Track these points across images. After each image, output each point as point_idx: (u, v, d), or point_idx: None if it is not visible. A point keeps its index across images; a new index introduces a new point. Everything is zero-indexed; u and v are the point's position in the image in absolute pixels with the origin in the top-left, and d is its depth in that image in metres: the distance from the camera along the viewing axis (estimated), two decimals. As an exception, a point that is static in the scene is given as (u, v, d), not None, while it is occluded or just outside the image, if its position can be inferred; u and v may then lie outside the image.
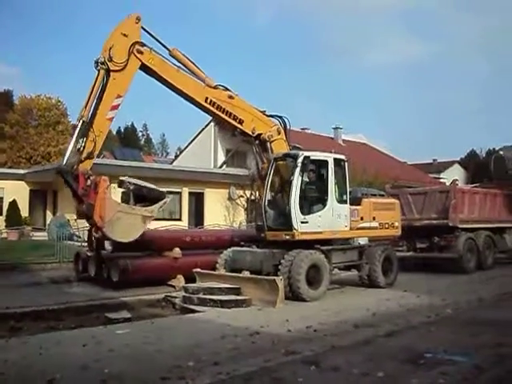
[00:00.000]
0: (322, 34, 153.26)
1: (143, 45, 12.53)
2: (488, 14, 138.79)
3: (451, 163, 71.51)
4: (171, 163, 38.19)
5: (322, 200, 13.27)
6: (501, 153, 72.50)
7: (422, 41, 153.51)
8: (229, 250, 13.94)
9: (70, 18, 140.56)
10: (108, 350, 7.46)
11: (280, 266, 12.29)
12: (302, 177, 12.84)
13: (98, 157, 13.48)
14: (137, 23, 12.42)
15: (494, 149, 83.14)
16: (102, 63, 11.89)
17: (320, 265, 12.62)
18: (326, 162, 13.43)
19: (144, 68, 12.58)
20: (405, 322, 9.58)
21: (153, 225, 18.29)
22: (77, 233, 22.05)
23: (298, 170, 12.74)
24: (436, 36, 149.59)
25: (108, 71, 11.95)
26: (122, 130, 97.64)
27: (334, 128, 45.03)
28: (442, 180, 48.55)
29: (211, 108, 13.43)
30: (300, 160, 12.82)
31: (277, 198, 13.76)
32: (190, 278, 13.55)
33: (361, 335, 8.50)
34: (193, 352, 7.36)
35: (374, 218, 14.66)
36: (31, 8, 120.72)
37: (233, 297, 11.51)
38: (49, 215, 29.30)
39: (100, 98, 11.88)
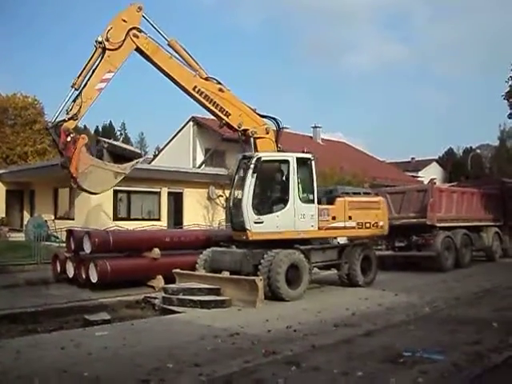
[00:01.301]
0: (305, 36, 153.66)
1: (140, 31, 13.12)
2: (460, 19, 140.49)
3: (429, 162, 72.09)
4: (150, 163, 37.97)
5: (282, 200, 13.28)
6: (478, 151, 73.46)
7: (400, 42, 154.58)
8: (208, 250, 13.92)
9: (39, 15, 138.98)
10: (87, 352, 7.39)
11: (259, 266, 12.31)
12: (256, 178, 12.83)
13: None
14: (138, 12, 13.12)
15: (471, 147, 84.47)
16: (100, 42, 12.60)
17: (299, 264, 12.66)
18: (286, 162, 13.39)
19: (139, 51, 13.24)
20: (384, 320, 9.65)
21: (131, 225, 18.28)
22: (55, 233, 21.85)
23: (250, 171, 12.79)
24: (412, 38, 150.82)
25: (104, 50, 12.61)
26: (100, 129, 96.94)
27: (313, 127, 45.15)
28: (419, 178, 48.92)
29: (199, 97, 13.71)
30: (252, 161, 12.86)
31: (238, 198, 13.77)
32: (169, 279, 13.51)
33: (340, 335, 8.55)
34: (173, 353, 7.34)
35: (350, 218, 14.28)
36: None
37: (212, 297, 11.51)
38: (26, 216, 28.97)
39: (93, 71, 12.65)
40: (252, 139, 14.18)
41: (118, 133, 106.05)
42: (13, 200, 30.03)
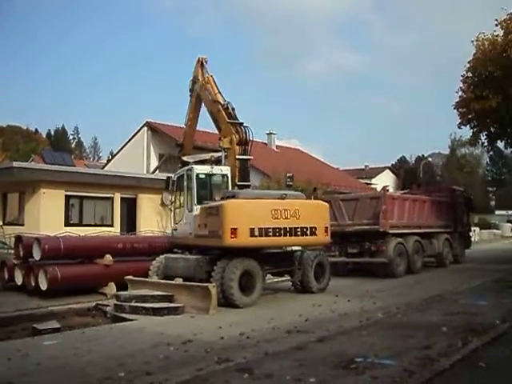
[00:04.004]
0: (266, 42, 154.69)
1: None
2: (412, 30, 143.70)
3: (382, 169, 73.20)
4: (103, 168, 37.45)
5: (185, 209, 14.47)
6: (429, 159, 74.97)
7: (354, 51, 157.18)
8: (161, 256, 13.83)
9: None
10: (35, 363, 7.23)
11: (213, 273, 12.28)
12: (175, 190, 15.12)
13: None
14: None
15: (423, 155, 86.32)
16: None
17: (253, 271, 12.67)
18: (188, 175, 14.41)
19: None
20: (336, 326, 9.71)
21: (83, 231, 17.95)
22: (3, 239, 21.26)
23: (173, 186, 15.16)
24: (367, 47, 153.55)
25: None
26: (52, 133, 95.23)
27: (267, 133, 45.24)
28: (373, 186, 49.61)
29: None
30: (172, 177, 15.29)
31: None
32: (121, 286, 13.33)
33: (293, 341, 8.55)
34: (124, 362, 7.24)
35: (205, 226, 13.02)
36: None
37: (165, 304, 11.42)
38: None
39: None
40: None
41: (71, 137, 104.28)
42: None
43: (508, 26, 21.44)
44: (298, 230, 13.11)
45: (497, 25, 22.06)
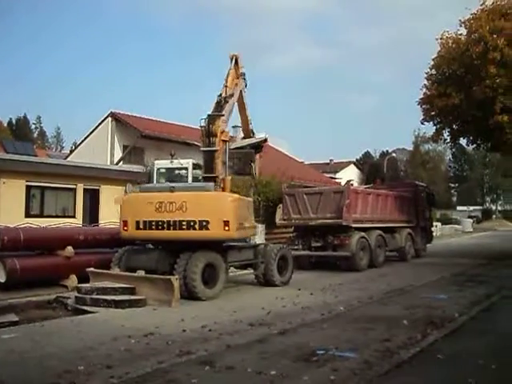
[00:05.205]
0: (225, 35, 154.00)
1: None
2: (383, 26, 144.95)
3: (347, 164, 74.04)
4: (66, 158, 36.82)
5: None
6: (394, 155, 75.78)
7: (321, 47, 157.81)
8: (124, 248, 13.67)
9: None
10: (-8, 356, 7.08)
11: (175, 265, 12.21)
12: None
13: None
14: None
15: (387, 151, 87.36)
16: None
17: (216, 264, 12.64)
18: (152, 169, 15.22)
19: None
20: (299, 319, 9.77)
21: (45, 222, 17.65)
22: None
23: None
24: (334, 43, 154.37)
25: None
26: (14, 122, 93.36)
27: (233, 126, 45.08)
28: (337, 180, 49.97)
29: None
30: None
31: None
32: (83, 278, 13.12)
33: (255, 334, 8.59)
34: (84, 355, 7.16)
35: None
36: None
37: (127, 297, 11.32)
38: None
39: None
40: None
41: (33, 126, 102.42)
42: None
43: (471, 26, 21.76)
44: (184, 223, 12.44)
45: (461, 25, 22.42)
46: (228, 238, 12.86)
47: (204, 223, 12.27)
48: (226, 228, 12.28)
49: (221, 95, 14.65)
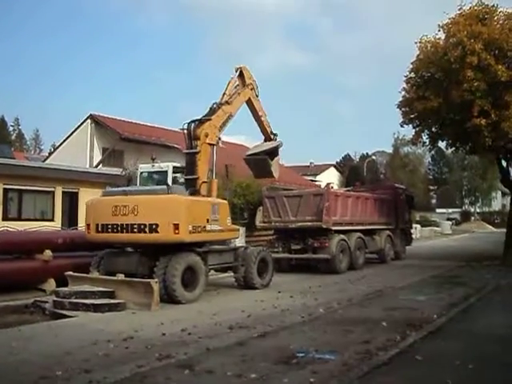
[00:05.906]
0: (212, 39, 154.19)
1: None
2: (362, 33, 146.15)
3: (327, 166, 74.29)
4: (45, 160, 36.51)
5: None
6: (373, 157, 76.24)
7: (303, 51, 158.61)
8: (103, 251, 13.58)
9: None
10: (-33, 362, 6.98)
11: (155, 269, 12.16)
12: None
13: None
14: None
15: (367, 153, 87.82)
16: None
17: (196, 267, 12.61)
18: (135, 172, 15.63)
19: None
20: (279, 322, 9.77)
21: (23, 225, 17.46)
22: None
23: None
24: (315, 48, 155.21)
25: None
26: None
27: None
28: (317, 182, 50.07)
29: None
30: None
31: None
32: (62, 282, 13.01)
33: (235, 337, 8.58)
34: (62, 360, 7.10)
35: None
36: None
37: (106, 300, 11.24)
38: None
39: None
40: None
41: (11, 128, 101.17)
42: None
43: (449, 30, 21.94)
44: (135, 226, 12.43)
45: (439, 30, 22.61)
46: (178, 241, 12.42)
47: (154, 226, 12.24)
48: (176, 231, 12.18)
49: (216, 102, 14.98)
